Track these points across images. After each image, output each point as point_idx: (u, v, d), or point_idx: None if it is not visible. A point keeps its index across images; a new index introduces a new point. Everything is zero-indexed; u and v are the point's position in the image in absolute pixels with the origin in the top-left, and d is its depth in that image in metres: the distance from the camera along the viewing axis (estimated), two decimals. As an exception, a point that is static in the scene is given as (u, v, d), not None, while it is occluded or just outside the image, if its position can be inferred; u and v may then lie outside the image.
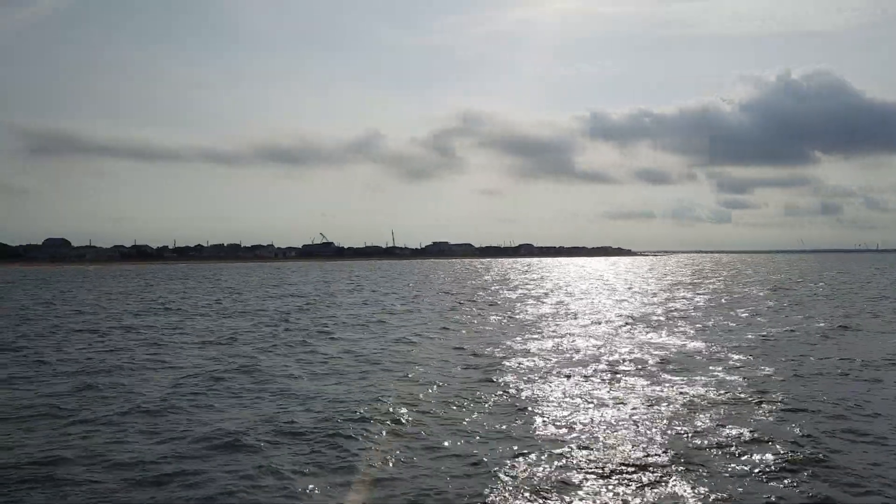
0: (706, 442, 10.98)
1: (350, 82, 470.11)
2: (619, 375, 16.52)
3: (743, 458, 10.21)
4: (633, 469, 9.79)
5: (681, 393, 14.49)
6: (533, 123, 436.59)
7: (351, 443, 11.17)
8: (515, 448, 10.78)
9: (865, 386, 15.31)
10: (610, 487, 9.14)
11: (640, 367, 17.70)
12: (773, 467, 9.82)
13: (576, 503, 8.71)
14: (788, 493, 8.97)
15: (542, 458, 10.30)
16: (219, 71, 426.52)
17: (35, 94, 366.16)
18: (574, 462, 10.12)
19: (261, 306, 38.96)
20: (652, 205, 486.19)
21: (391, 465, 10.17)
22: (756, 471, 9.70)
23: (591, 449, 10.67)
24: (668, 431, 11.56)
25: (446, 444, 11.12)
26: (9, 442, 11.34)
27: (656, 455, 10.34)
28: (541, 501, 8.75)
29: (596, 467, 9.87)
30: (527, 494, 8.93)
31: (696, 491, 9.00)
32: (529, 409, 13.24)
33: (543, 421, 12.35)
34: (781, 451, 10.45)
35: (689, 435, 11.35)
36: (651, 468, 9.81)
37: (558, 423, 12.16)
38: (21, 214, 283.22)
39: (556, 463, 10.08)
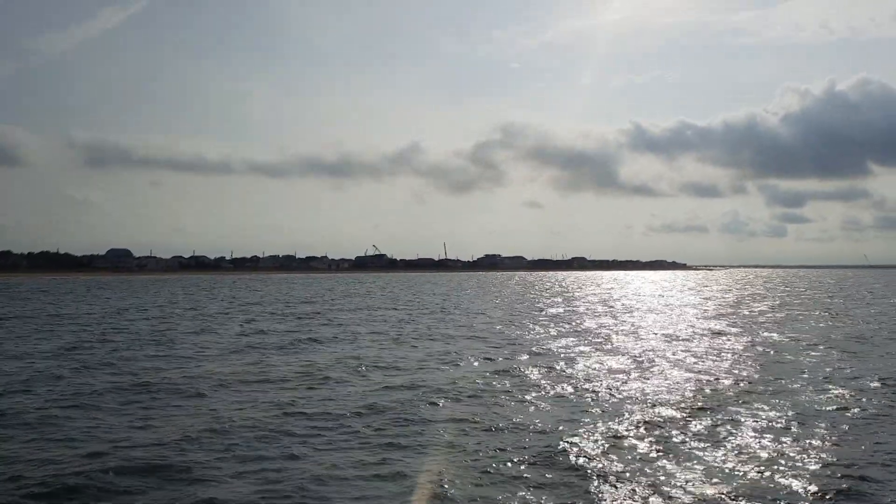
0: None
1: (395, 93, 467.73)
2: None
3: None
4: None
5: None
6: (575, 135, 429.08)
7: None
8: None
9: None
10: None
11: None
12: None
13: None
14: None
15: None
16: (267, 84, 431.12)
17: (90, 107, 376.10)
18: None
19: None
20: (704, 218, 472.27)
21: None
22: None
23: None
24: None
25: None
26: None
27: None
28: None
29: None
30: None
31: None
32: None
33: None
34: None
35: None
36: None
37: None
38: (83, 225, 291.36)
39: None
